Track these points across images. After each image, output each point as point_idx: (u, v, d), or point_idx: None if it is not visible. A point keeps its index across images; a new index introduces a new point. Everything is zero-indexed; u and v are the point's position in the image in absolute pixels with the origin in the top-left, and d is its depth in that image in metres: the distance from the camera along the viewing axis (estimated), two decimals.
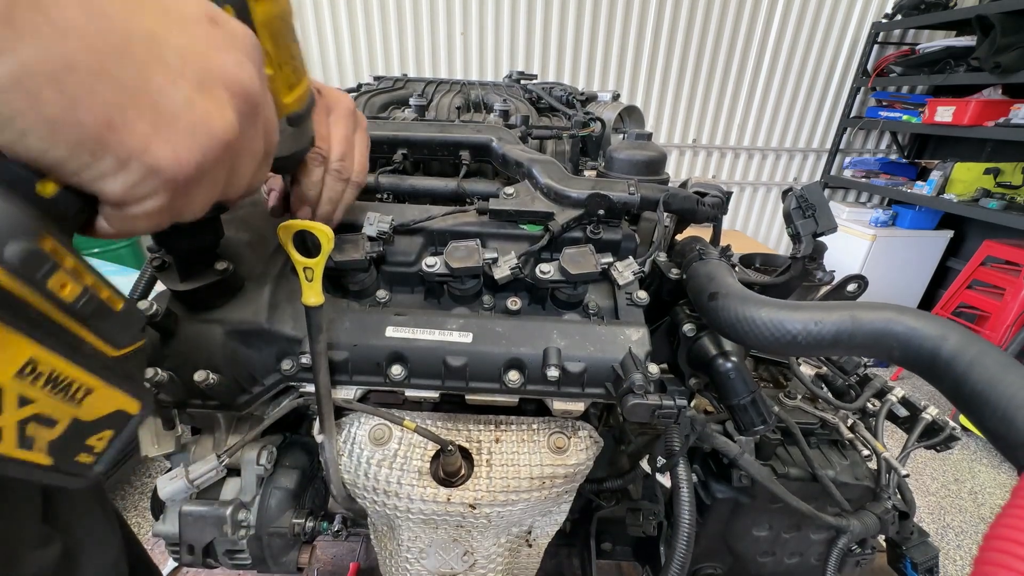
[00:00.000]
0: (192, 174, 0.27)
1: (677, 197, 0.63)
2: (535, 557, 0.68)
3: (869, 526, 0.67)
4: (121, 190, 0.26)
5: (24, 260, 0.23)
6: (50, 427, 0.25)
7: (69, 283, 0.25)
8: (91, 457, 0.28)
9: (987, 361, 0.31)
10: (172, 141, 0.26)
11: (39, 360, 0.23)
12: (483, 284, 0.60)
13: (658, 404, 0.47)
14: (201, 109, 0.27)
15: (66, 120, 0.23)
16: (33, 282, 0.23)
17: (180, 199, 0.29)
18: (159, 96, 0.25)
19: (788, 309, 0.43)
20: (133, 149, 0.25)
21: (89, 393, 0.26)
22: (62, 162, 0.24)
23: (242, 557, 0.65)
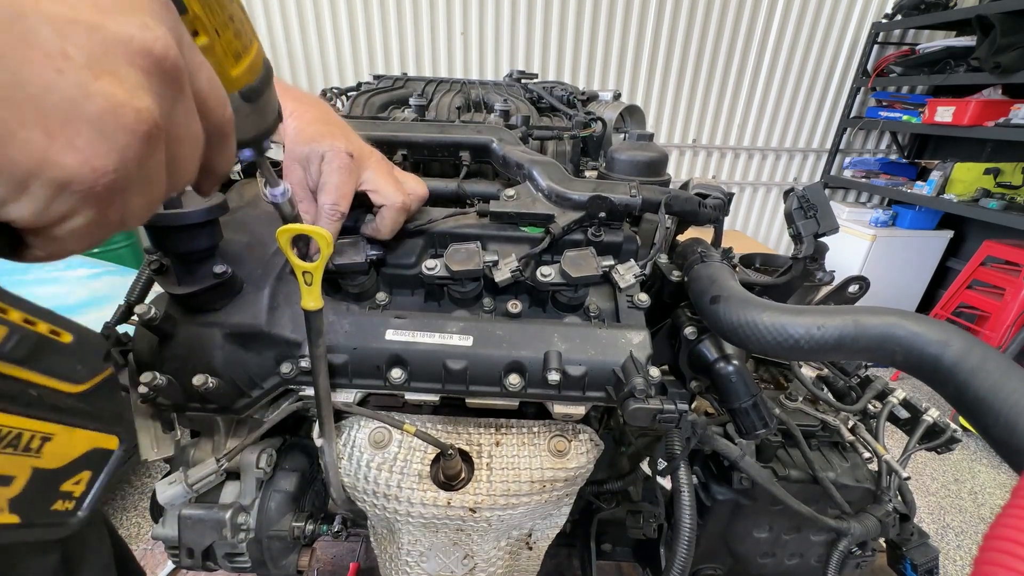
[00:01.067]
0: (114, 179, 0.23)
1: (679, 199, 0.63)
2: (535, 560, 0.68)
3: (870, 528, 0.67)
4: (31, 214, 0.22)
5: None
6: (6, 484, 0.22)
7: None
8: (70, 503, 0.25)
9: (990, 367, 0.31)
10: (77, 145, 0.21)
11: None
12: (483, 287, 0.60)
13: (659, 409, 0.47)
14: (103, 97, 0.21)
15: None
16: None
17: (111, 209, 0.24)
18: (42, 90, 0.20)
19: (790, 313, 0.42)
20: (29, 166, 0.20)
21: (47, 440, 0.23)
22: None
23: (242, 560, 0.65)
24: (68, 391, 0.25)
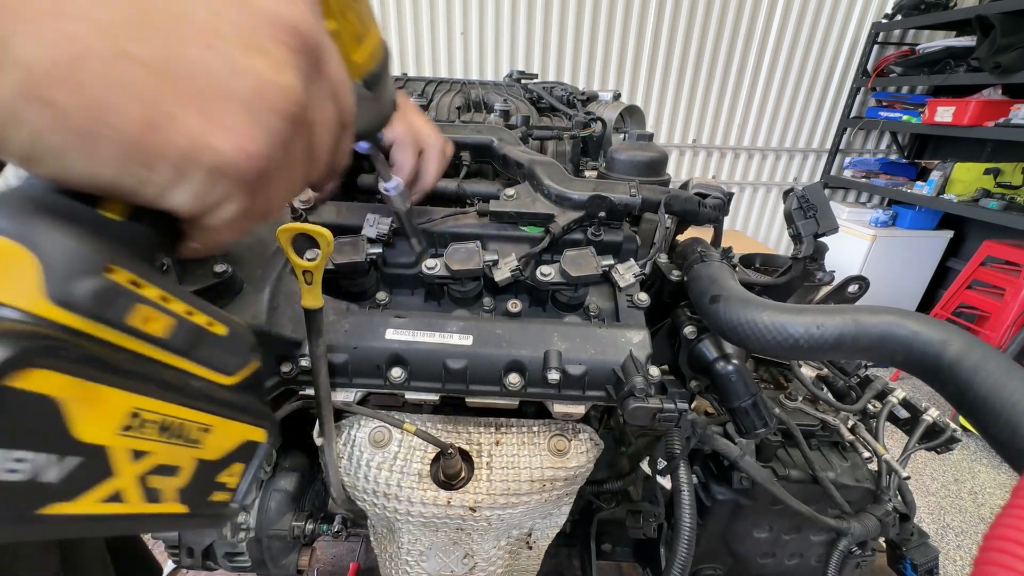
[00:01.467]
0: (264, 165, 0.22)
1: (678, 199, 0.63)
2: (535, 559, 0.68)
3: (870, 528, 0.67)
4: (191, 201, 0.21)
5: (96, 299, 0.20)
6: (174, 475, 0.23)
7: (154, 315, 0.22)
8: (226, 494, 0.26)
9: (991, 367, 0.31)
10: (229, 127, 0.20)
11: (143, 409, 0.21)
12: (483, 286, 0.60)
13: (659, 408, 0.47)
14: (252, 75, 0.21)
15: (97, 128, 0.18)
16: (111, 322, 0.20)
17: (260, 197, 0.23)
18: (197, 69, 0.19)
19: (790, 313, 0.42)
20: (186, 150, 0.20)
21: (206, 432, 0.24)
22: (114, 182, 0.20)
23: (242, 560, 0.65)
24: (222, 383, 0.25)
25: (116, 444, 0.20)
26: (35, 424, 0.18)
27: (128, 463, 0.21)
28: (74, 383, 0.18)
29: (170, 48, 0.19)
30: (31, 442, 0.18)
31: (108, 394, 0.20)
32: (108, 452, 0.20)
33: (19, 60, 0.17)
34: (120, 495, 0.21)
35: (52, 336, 0.19)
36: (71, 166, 0.19)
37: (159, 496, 0.22)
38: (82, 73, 0.17)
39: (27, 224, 0.19)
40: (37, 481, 0.18)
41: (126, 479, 0.21)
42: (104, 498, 0.20)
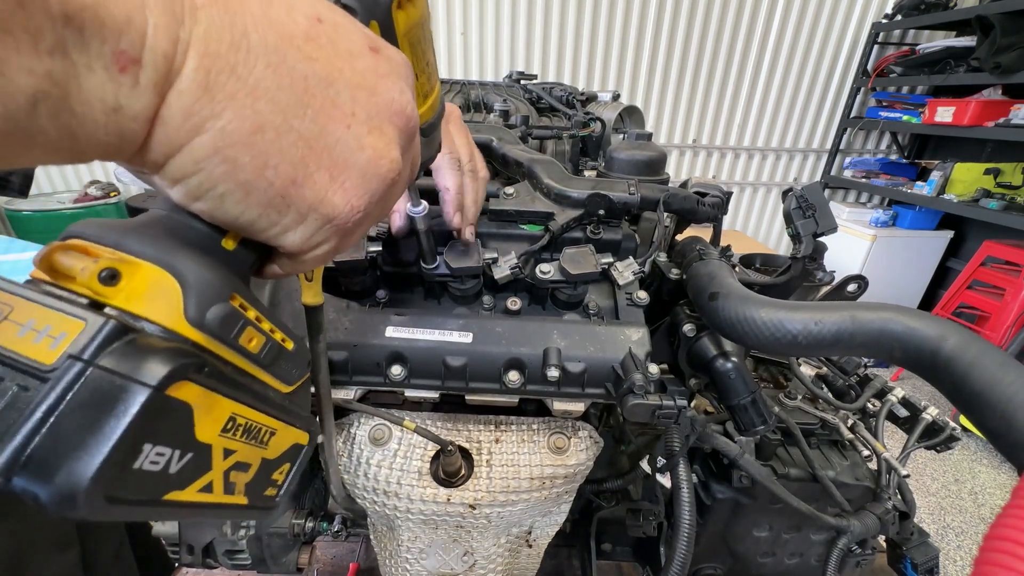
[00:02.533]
0: (362, 217, 0.27)
1: (677, 197, 0.63)
2: (535, 558, 0.68)
3: (869, 526, 0.67)
4: (300, 241, 0.26)
5: (222, 322, 0.23)
6: (245, 471, 0.26)
7: (255, 335, 0.26)
8: (274, 490, 0.29)
9: (987, 361, 0.31)
10: (346, 188, 0.26)
11: (238, 414, 0.24)
12: (483, 284, 0.60)
13: (658, 404, 0.47)
14: (371, 150, 0.26)
15: (257, 182, 0.23)
16: (227, 342, 0.24)
17: (347, 240, 0.29)
18: (335, 143, 0.25)
19: (788, 309, 0.42)
20: (312, 202, 0.25)
21: (273, 435, 0.27)
22: (252, 222, 0.24)
23: (242, 557, 0.65)
24: (283, 391, 0.28)
25: (217, 443, 0.23)
26: (175, 425, 0.21)
27: (221, 459, 0.24)
28: (203, 393, 0.22)
29: (320, 125, 0.24)
30: (170, 440, 0.21)
31: (220, 402, 0.23)
32: (211, 450, 0.23)
33: (220, 127, 0.21)
34: (211, 486, 0.24)
35: (196, 354, 0.22)
36: (227, 208, 0.23)
37: (234, 489, 0.25)
38: (259, 140, 0.22)
39: (172, 253, 0.23)
40: (168, 471, 0.21)
41: (217, 473, 0.24)
42: (200, 488, 0.23)
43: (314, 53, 0.23)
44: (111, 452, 0.18)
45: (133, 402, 0.19)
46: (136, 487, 0.20)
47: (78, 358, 0.18)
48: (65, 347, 0.19)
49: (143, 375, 0.19)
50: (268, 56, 0.22)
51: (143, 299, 0.21)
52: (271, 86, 0.22)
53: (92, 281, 0.21)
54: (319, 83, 0.24)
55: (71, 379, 0.18)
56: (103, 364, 0.19)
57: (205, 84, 0.20)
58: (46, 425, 0.17)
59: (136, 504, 0.20)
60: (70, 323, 0.19)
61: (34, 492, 0.17)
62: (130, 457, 0.19)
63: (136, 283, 0.21)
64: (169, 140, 0.21)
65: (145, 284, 0.22)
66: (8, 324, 0.19)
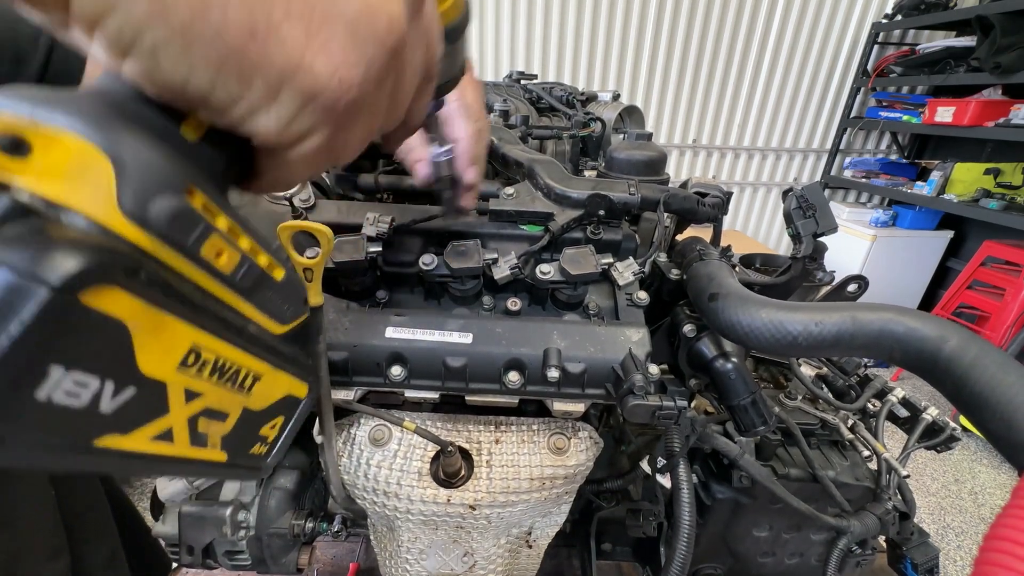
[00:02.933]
0: (356, 97, 0.20)
1: (677, 197, 0.63)
2: (535, 558, 0.68)
3: (869, 527, 0.67)
4: (276, 126, 0.20)
5: (173, 220, 0.18)
6: (221, 420, 0.21)
7: (226, 249, 0.20)
8: (263, 447, 0.24)
9: (987, 362, 0.31)
10: (329, 51, 0.19)
11: (202, 346, 0.20)
12: (483, 284, 0.60)
13: (658, 405, 0.47)
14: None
15: (201, 28, 0.17)
16: (184, 249, 0.19)
17: (341, 133, 0.22)
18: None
19: (788, 310, 0.42)
20: (283, 67, 0.18)
21: (257, 380, 0.22)
22: (205, 93, 0.18)
23: (242, 558, 0.65)
24: (273, 331, 0.24)
25: (173, 380, 0.19)
26: (101, 347, 0.16)
27: (181, 402, 0.20)
28: (143, 309, 0.17)
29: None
30: (95, 367, 0.16)
31: (173, 325, 0.18)
32: (166, 388, 0.19)
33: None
34: (170, 434, 0.20)
35: (127, 254, 0.17)
36: (165, 66, 0.17)
37: (205, 441, 0.21)
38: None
39: (106, 128, 0.17)
40: (96, 410, 0.17)
41: (178, 418, 0.20)
42: (155, 436, 0.19)
43: None
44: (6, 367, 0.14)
45: (23, 306, 0.14)
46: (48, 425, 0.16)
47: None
48: None
49: (42, 270, 0.14)
50: None
51: (61, 179, 0.16)
52: None
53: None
54: None
55: None
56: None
57: None
58: None
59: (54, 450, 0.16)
60: None
61: None
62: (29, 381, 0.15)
63: (53, 158, 0.16)
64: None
65: (65, 160, 0.16)
66: None
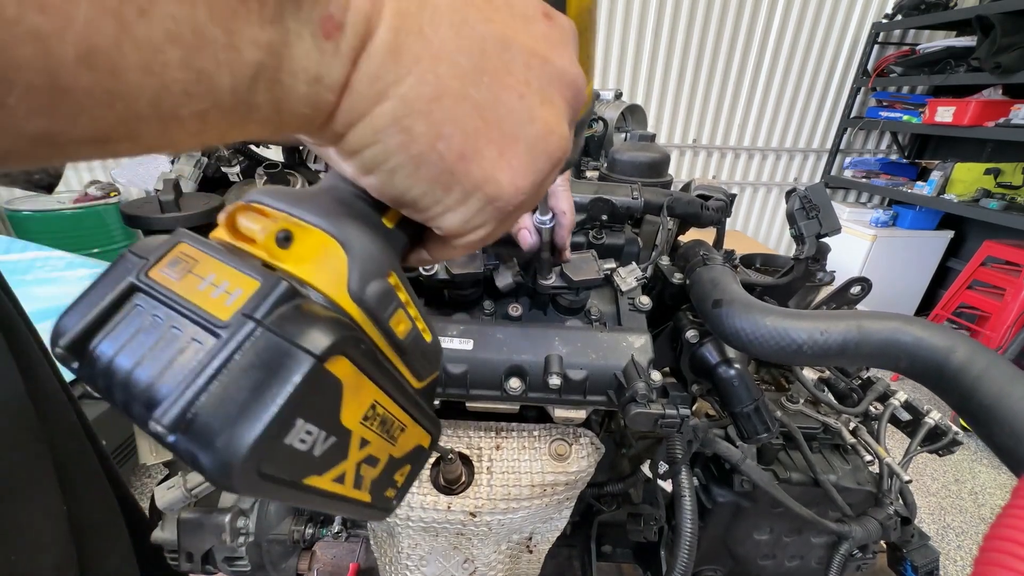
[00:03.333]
0: (524, 199, 0.24)
1: (681, 202, 0.62)
2: (535, 563, 0.68)
3: (871, 531, 0.67)
4: (459, 223, 0.24)
5: (379, 300, 0.22)
6: (374, 466, 0.24)
7: (404, 320, 0.24)
8: (394, 491, 0.27)
9: (995, 374, 0.31)
10: (512, 165, 0.23)
11: (379, 403, 0.23)
12: (484, 290, 0.60)
13: (661, 413, 0.47)
14: (541, 123, 0.23)
15: (429, 155, 0.21)
16: (379, 322, 0.22)
17: (500, 227, 0.26)
18: (507, 114, 0.22)
19: (793, 318, 0.42)
20: (478, 180, 0.22)
21: (403, 430, 0.25)
22: (416, 199, 0.23)
23: (241, 564, 0.65)
24: (414, 385, 0.26)
25: (356, 431, 0.22)
26: (325, 403, 0.20)
27: (357, 449, 0.22)
28: (354, 372, 0.21)
29: (493, 93, 0.22)
30: (319, 419, 0.20)
31: (366, 385, 0.22)
32: (351, 436, 0.22)
33: (402, 94, 0.19)
34: (343, 477, 0.22)
35: (354, 328, 0.21)
36: (395, 182, 0.22)
37: (361, 484, 0.24)
38: (436, 108, 0.20)
39: (341, 224, 0.22)
40: (311, 453, 0.20)
41: (351, 463, 0.22)
42: (335, 478, 0.22)
43: (492, 14, 0.21)
44: (271, 422, 0.17)
45: (296, 370, 0.18)
46: (283, 465, 0.19)
47: (250, 316, 0.18)
48: (239, 305, 0.18)
49: (308, 342, 0.18)
50: (451, 15, 0.20)
51: (311, 265, 0.21)
52: (452, 49, 0.20)
53: (269, 242, 0.21)
54: (496, 46, 0.21)
55: (241, 337, 0.18)
56: (272, 326, 0.18)
57: (394, 47, 0.19)
58: (213, 383, 0.17)
59: (280, 483, 0.19)
60: (245, 281, 0.19)
61: (194, 453, 0.17)
62: (284, 430, 0.18)
63: (306, 248, 0.21)
64: (353, 109, 0.19)
65: (315, 250, 0.21)
66: (191, 277, 0.19)
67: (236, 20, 0.15)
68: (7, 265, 1.73)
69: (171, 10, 0.14)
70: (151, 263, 0.20)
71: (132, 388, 0.18)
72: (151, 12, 0.13)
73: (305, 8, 0.17)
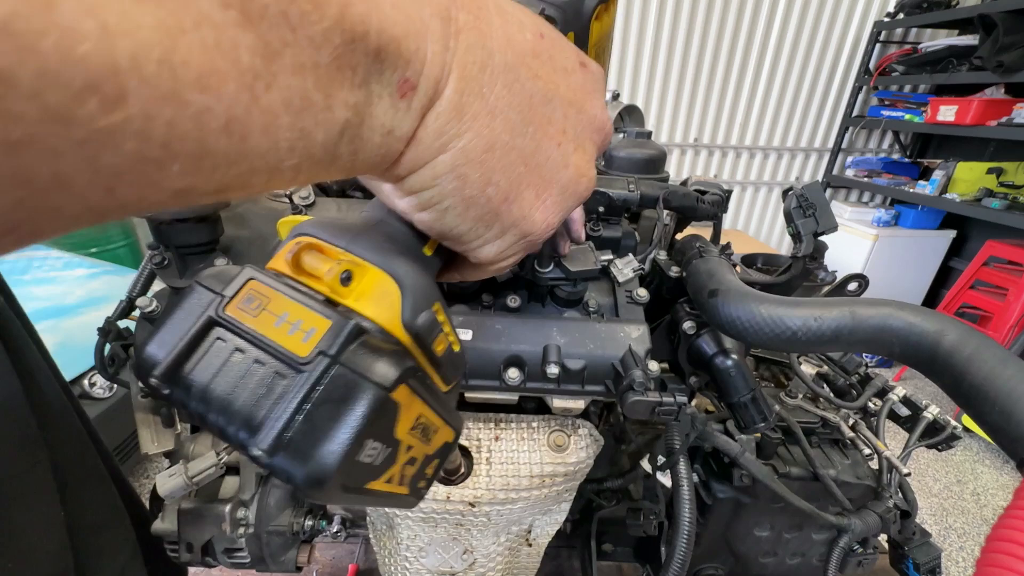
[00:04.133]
0: (551, 233, 0.27)
1: (677, 194, 0.63)
2: (535, 557, 0.68)
3: (871, 525, 0.67)
4: (494, 254, 0.27)
5: (428, 328, 0.25)
6: (413, 465, 0.27)
7: (443, 340, 0.27)
8: (424, 482, 0.30)
9: (986, 355, 0.31)
10: (546, 205, 0.26)
11: (422, 414, 0.25)
12: (483, 281, 0.60)
13: (658, 401, 0.47)
14: (574, 168, 0.26)
15: (479, 198, 0.23)
16: (425, 347, 0.25)
17: (527, 252, 0.29)
18: (546, 161, 0.25)
19: (788, 305, 0.42)
20: (516, 218, 0.25)
21: (435, 432, 0.28)
22: (461, 235, 0.25)
23: (241, 555, 0.65)
24: (443, 389, 0.29)
25: (404, 440, 0.25)
26: (386, 423, 0.22)
27: (404, 454, 0.25)
28: (409, 394, 0.23)
29: (536, 142, 0.24)
30: (381, 436, 0.22)
31: (415, 402, 0.24)
32: (400, 446, 0.25)
33: (461, 147, 0.22)
34: (392, 478, 0.25)
35: (413, 357, 0.24)
36: (446, 220, 0.24)
37: (403, 481, 0.27)
38: (488, 158, 0.23)
39: (392, 260, 0.24)
40: (373, 464, 0.23)
41: (398, 467, 0.25)
42: (387, 480, 0.25)
43: (539, 70, 0.24)
44: (350, 445, 0.20)
45: (367, 400, 0.20)
46: (356, 476, 0.22)
47: (326, 354, 0.20)
48: (316, 342, 0.20)
49: (377, 376, 0.21)
50: (506, 75, 0.22)
51: (370, 301, 0.23)
52: (505, 105, 0.22)
53: (334, 281, 0.23)
54: (541, 100, 0.24)
55: (320, 372, 0.20)
56: (346, 361, 0.20)
57: (458, 105, 0.21)
58: (302, 413, 0.19)
59: (352, 491, 0.22)
60: (318, 320, 0.21)
61: (289, 472, 0.19)
62: (358, 449, 0.21)
63: (364, 285, 0.24)
64: (418, 158, 0.22)
65: (372, 287, 0.24)
66: (267, 314, 0.21)
67: (333, 85, 0.17)
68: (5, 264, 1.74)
69: (288, 81, 0.16)
70: (227, 299, 0.22)
71: (229, 414, 0.20)
72: (274, 84, 0.16)
73: (387, 72, 0.19)
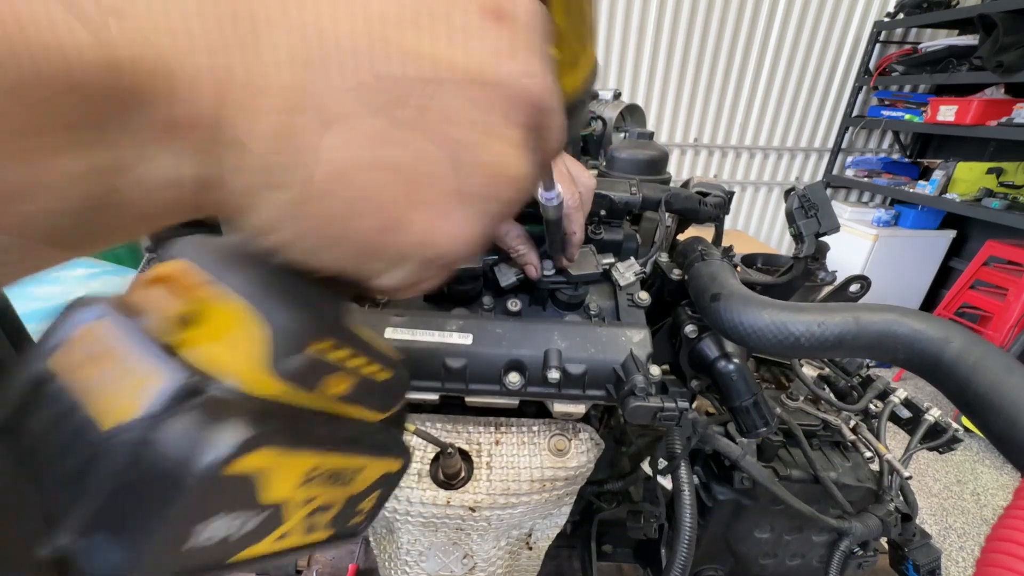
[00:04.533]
0: (473, 248, 0.21)
1: (679, 197, 0.63)
2: (535, 560, 0.68)
3: (871, 528, 0.66)
4: (398, 283, 0.21)
5: (306, 371, 0.21)
6: (327, 511, 0.24)
7: (343, 379, 0.22)
8: (361, 517, 0.27)
9: (991, 363, 0.31)
10: (455, 221, 0.20)
11: (319, 464, 0.22)
12: (483, 285, 0.60)
13: (660, 407, 0.47)
14: (488, 168, 0.19)
15: (342, 236, 0.19)
16: (311, 389, 0.21)
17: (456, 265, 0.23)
18: (438, 171, 0.18)
19: (791, 311, 0.42)
20: (410, 246, 0.20)
21: (360, 471, 0.24)
22: (343, 271, 0.20)
23: None
24: (372, 419, 0.25)
25: (292, 497, 0.21)
26: (238, 496, 0.18)
27: (298, 509, 0.22)
28: (276, 454, 0.19)
29: (419, 150, 0.18)
30: (235, 507, 0.19)
31: (297, 457, 0.20)
32: (285, 505, 0.21)
33: (298, 179, 0.17)
34: (287, 534, 0.22)
35: (273, 414, 0.19)
36: (312, 260, 0.19)
37: (315, 528, 0.24)
38: (341, 187, 0.17)
39: (263, 292, 0.19)
40: (227, 540, 0.19)
41: (294, 522, 0.22)
42: (276, 538, 0.21)
43: (418, 46, 0.17)
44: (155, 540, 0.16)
45: (185, 482, 0.16)
46: (200, 558, 0.18)
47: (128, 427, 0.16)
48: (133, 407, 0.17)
49: (200, 451, 0.16)
50: (352, 64, 0.16)
51: (223, 345, 0.19)
52: (360, 112, 0.16)
53: (175, 324, 0.19)
54: (420, 92, 0.17)
55: (126, 450, 0.16)
56: (162, 434, 0.16)
57: (280, 128, 0.16)
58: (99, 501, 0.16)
59: (206, 570, 0.19)
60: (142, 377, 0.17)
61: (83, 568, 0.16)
62: (180, 541, 0.17)
63: (216, 326, 0.19)
64: (237, 204, 0.17)
65: (228, 328, 0.19)
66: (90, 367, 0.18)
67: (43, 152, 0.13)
68: None
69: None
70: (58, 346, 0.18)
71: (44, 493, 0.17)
72: None
73: (136, 115, 0.15)
